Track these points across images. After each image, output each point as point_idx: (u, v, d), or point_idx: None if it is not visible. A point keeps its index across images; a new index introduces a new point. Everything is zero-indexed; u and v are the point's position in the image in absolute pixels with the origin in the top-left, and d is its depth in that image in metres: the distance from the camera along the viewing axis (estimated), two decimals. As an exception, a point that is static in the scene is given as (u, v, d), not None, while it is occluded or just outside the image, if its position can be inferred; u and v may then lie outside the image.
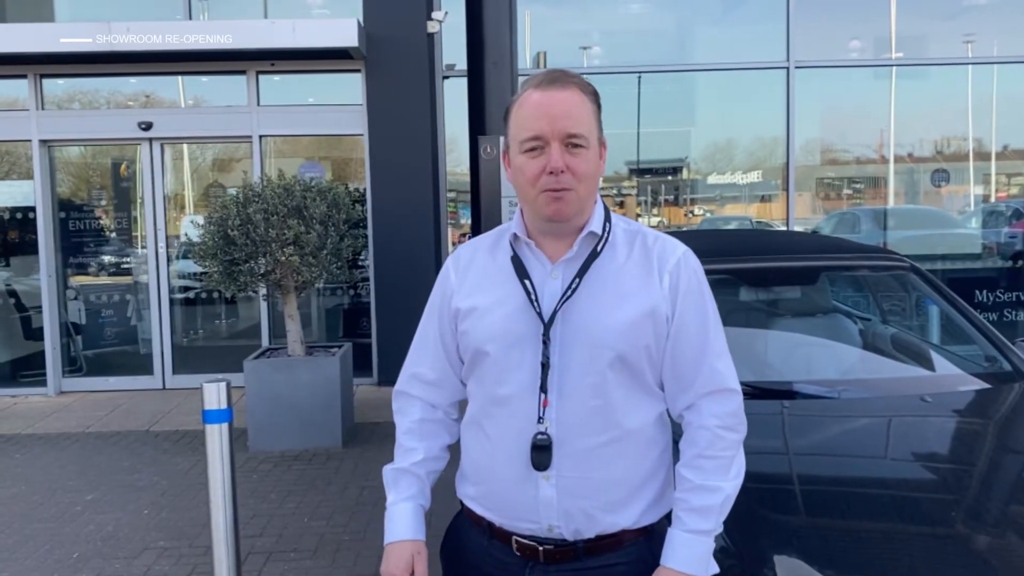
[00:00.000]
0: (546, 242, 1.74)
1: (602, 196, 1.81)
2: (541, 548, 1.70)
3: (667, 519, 1.78)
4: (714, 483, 1.68)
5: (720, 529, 1.70)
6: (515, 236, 1.76)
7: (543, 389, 1.67)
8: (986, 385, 3.29)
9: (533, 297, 1.70)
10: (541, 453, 1.66)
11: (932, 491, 2.60)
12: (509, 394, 1.71)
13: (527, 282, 1.71)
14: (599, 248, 1.72)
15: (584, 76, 1.73)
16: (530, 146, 1.65)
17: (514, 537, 1.73)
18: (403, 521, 1.83)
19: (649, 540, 1.73)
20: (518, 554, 1.73)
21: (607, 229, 1.75)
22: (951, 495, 2.54)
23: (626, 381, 1.69)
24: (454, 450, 1.92)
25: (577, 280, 1.69)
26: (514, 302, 1.72)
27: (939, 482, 2.67)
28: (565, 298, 1.68)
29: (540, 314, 1.69)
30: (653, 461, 1.74)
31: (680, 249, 1.76)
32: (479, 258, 1.82)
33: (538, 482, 1.68)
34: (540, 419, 1.67)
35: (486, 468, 1.76)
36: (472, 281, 1.79)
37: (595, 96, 1.71)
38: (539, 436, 1.66)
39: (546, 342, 1.67)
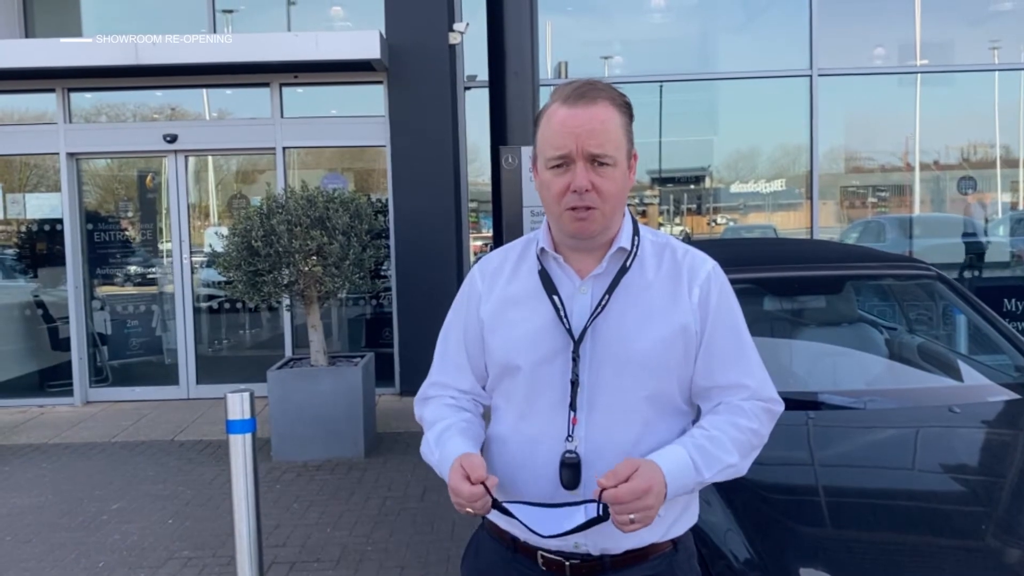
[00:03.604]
0: (574, 256, 1.72)
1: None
2: (568, 563, 1.68)
3: (692, 531, 1.77)
4: (732, 448, 1.66)
5: (704, 483, 1.65)
6: (542, 250, 1.74)
7: (572, 407, 1.65)
8: (1016, 395, 3.24)
9: (562, 313, 1.68)
10: (570, 471, 1.63)
11: (961, 503, 2.56)
12: (537, 411, 1.68)
13: (556, 298, 1.69)
14: (628, 263, 1.70)
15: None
16: (556, 163, 1.63)
17: (540, 552, 1.71)
18: (455, 448, 1.67)
19: (675, 553, 1.73)
20: (544, 568, 1.71)
21: (636, 243, 1.73)
22: (980, 508, 2.51)
23: (655, 398, 1.67)
24: None
25: (607, 296, 1.67)
26: (542, 317, 1.69)
27: (968, 494, 2.63)
28: (595, 315, 1.67)
29: (570, 330, 1.67)
30: None
31: (709, 263, 1.75)
32: (507, 268, 1.79)
33: (566, 499, 1.65)
34: (569, 437, 1.65)
35: (511, 484, 1.73)
36: (499, 292, 1.77)
37: (626, 107, 1.67)
38: (568, 454, 1.64)
39: (576, 359, 1.65)
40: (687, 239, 8.69)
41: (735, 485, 2.53)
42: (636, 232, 1.74)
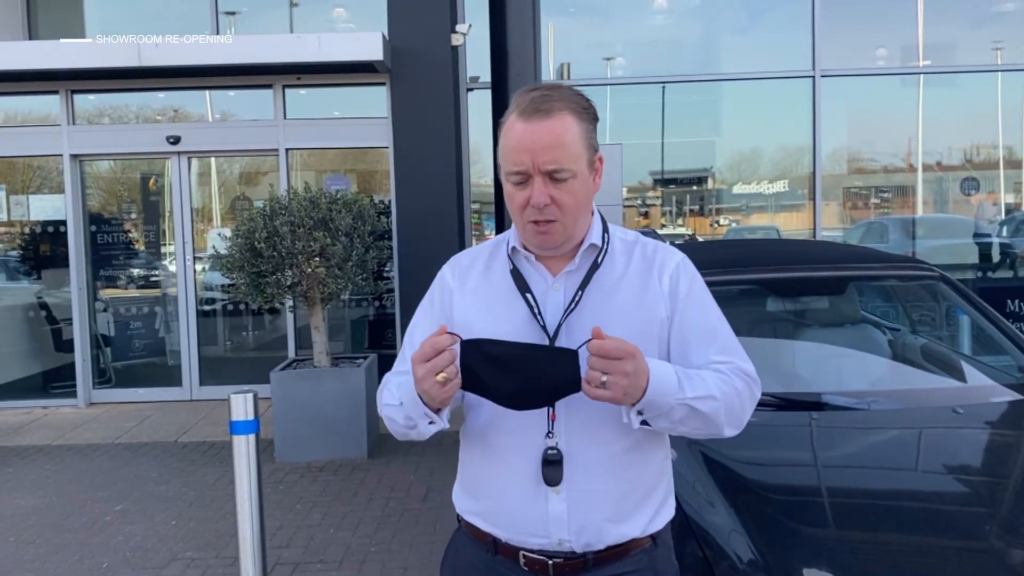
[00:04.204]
0: (545, 254, 1.73)
1: (627, 206, 1.80)
2: (551, 562, 1.68)
3: (670, 526, 1.79)
4: (715, 388, 1.61)
5: (684, 402, 1.58)
6: (514, 248, 1.75)
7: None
8: (1019, 396, 3.23)
9: (536, 311, 1.68)
10: (552, 468, 1.64)
11: (964, 504, 2.56)
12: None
13: (529, 295, 1.70)
14: (599, 260, 1.71)
15: (604, 86, 1.69)
16: (515, 179, 1.63)
17: (522, 552, 1.70)
18: None
19: (655, 548, 1.73)
20: (526, 568, 1.71)
21: (606, 240, 1.74)
22: (984, 508, 2.50)
23: None
24: (450, 465, 1.85)
25: (580, 292, 1.68)
26: (517, 316, 1.70)
27: (972, 495, 2.63)
28: (569, 311, 1.67)
29: (544, 327, 1.67)
30: (656, 467, 1.74)
31: (678, 255, 1.76)
32: (478, 267, 1.80)
33: (548, 497, 1.66)
34: (550, 433, 1.65)
35: (491, 483, 1.73)
36: (471, 292, 1.77)
37: (587, 112, 1.66)
38: (549, 451, 1.64)
39: None
40: (692, 241, 8.69)
41: (739, 486, 2.55)
42: (605, 229, 1.76)
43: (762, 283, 3.86)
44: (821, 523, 2.43)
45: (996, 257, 8.67)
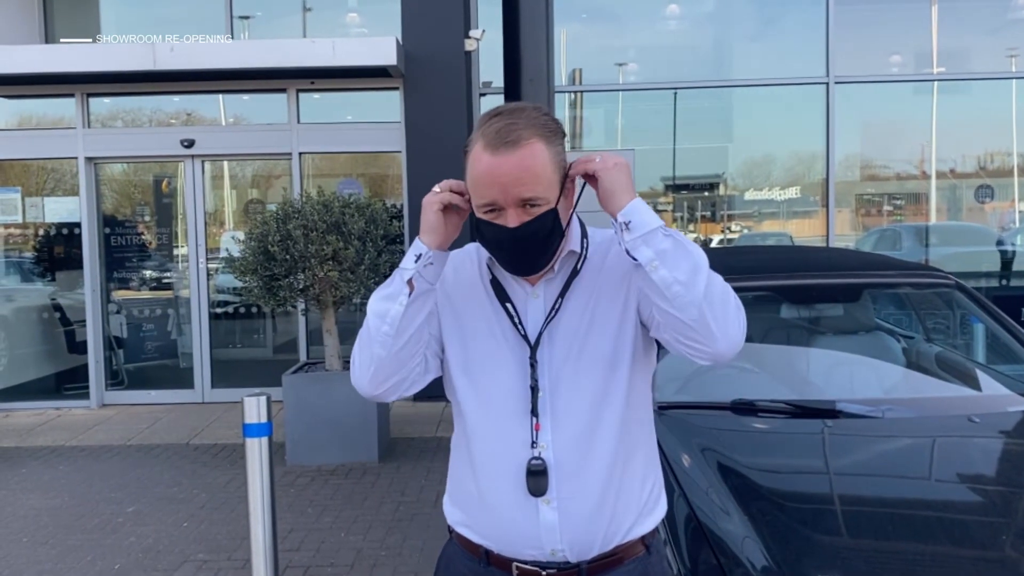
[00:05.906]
0: None
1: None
2: (544, 573, 1.67)
3: (661, 528, 1.78)
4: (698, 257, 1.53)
5: (666, 231, 1.51)
6: (492, 259, 1.71)
7: (534, 413, 1.64)
8: (1036, 405, 3.21)
9: (516, 320, 1.67)
10: (537, 478, 1.62)
11: (979, 514, 2.55)
12: (497, 419, 1.67)
13: (508, 305, 1.68)
14: (579, 266, 1.69)
15: (616, 92, 1.66)
16: (487, 209, 1.60)
17: (515, 563, 1.68)
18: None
19: (648, 556, 1.72)
20: None
21: (584, 245, 1.72)
22: (999, 518, 2.49)
23: (618, 394, 1.66)
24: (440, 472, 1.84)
25: (560, 300, 1.67)
26: (497, 326, 1.69)
27: (987, 505, 2.62)
28: (549, 319, 1.66)
29: (525, 336, 1.66)
30: (642, 468, 1.72)
31: None
32: (459, 275, 1.76)
33: (538, 507, 1.64)
34: (533, 443, 1.64)
35: (479, 495, 1.71)
36: (454, 295, 1.74)
37: (553, 132, 1.61)
38: (534, 461, 1.63)
39: (534, 365, 1.65)
40: (704, 247, 8.67)
41: (753, 494, 2.54)
42: (585, 235, 1.73)
43: (776, 290, 3.85)
44: (835, 531, 2.42)
45: (1012, 265, 8.63)
